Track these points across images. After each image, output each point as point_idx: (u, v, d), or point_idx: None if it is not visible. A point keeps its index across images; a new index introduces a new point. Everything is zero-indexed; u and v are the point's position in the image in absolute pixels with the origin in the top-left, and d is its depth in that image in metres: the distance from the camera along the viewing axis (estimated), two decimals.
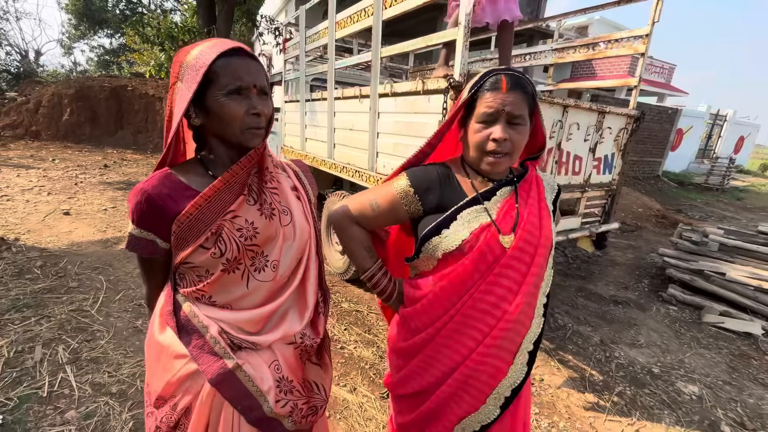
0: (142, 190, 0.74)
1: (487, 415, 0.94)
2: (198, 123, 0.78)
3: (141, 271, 0.86)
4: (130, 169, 7.55)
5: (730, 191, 11.15)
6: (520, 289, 0.90)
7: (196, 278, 0.80)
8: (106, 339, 2.31)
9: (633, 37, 2.72)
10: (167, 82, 10.44)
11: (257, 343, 0.82)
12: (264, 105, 0.77)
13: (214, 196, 0.75)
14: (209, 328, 0.79)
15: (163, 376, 0.79)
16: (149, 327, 0.85)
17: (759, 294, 3.27)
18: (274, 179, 0.86)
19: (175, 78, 0.76)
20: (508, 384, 0.93)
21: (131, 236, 0.77)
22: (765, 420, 2.17)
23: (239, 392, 0.78)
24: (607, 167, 2.79)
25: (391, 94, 2.30)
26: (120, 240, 3.91)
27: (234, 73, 0.73)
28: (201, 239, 0.75)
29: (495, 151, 0.87)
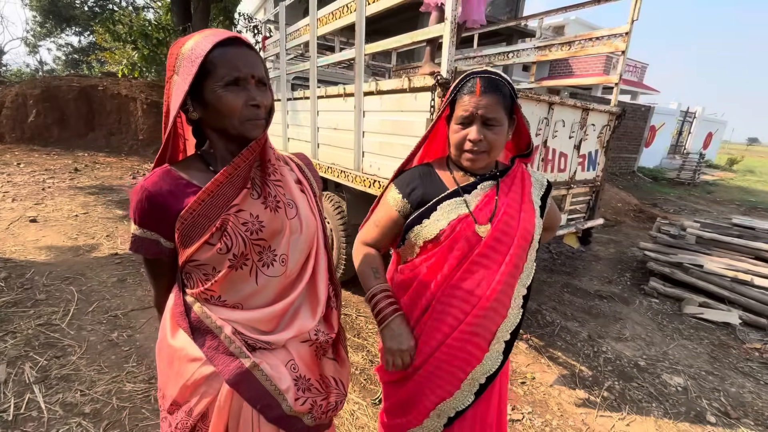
0: (142, 187, 0.73)
1: (462, 401, 0.98)
2: (196, 117, 0.76)
3: (148, 274, 0.84)
4: (103, 172, 7.22)
5: (701, 185, 11.60)
6: (494, 278, 0.94)
7: (203, 277, 0.77)
8: (77, 354, 2.17)
9: (613, 35, 2.75)
10: (141, 82, 10.07)
11: (272, 342, 0.80)
12: (263, 96, 0.75)
13: (217, 190, 0.73)
14: (223, 329, 0.77)
15: (178, 381, 0.77)
16: (160, 331, 0.83)
17: (735, 285, 3.38)
18: (277, 172, 0.84)
19: (171, 71, 0.74)
20: (482, 371, 0.97)
21: (134, 237, 0.76)
22: (747, 408, 2.23)
23: (258, 391, 0.77)
24: (591, 164, 2.81)
25: (376, 92, 2.24)
26: (93, 247, 3.71)
27: (231, 63, 0.71)
28: (206, 235, 0.73)
29: (471, 150, 0.93)
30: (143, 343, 2.34)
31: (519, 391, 2.22)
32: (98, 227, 4.28)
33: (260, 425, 0.78)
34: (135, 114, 9.46)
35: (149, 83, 10.26)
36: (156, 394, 1.93)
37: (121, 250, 3.68)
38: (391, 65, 5.33)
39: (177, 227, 0.73)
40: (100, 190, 5.88)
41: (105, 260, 3.45)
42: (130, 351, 2.25)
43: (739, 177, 14.89)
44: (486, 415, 1.04)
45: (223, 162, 0.79)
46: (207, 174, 0.78)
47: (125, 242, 3.91)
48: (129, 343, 2.33)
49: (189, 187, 0.76)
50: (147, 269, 0.83)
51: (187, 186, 0.76)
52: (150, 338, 2.39)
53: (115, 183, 6.47)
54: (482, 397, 1.00)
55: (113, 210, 4.95)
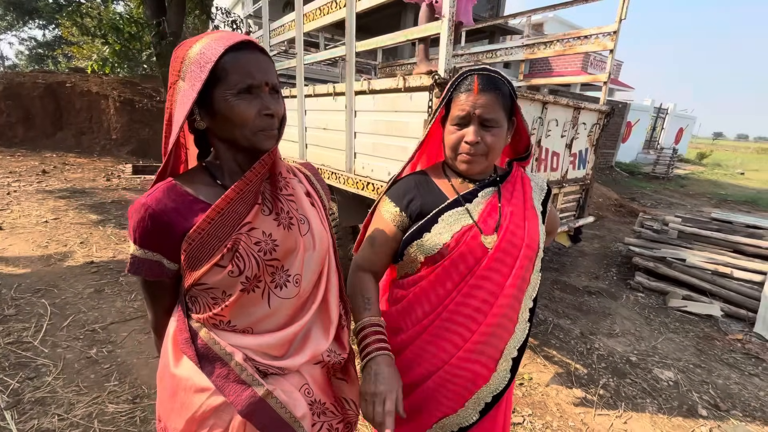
0: (145, 205, 0.66)
1: (466, 419, 0.93)
2: (203, 126, 0.71)
3: (145, 296, 0.78)
4: (73, 174, 6.85)
5: (675, 179, 12.06)
6: (502, 292, 0.88)
7: (212, 301, 0.72)
8: (53, 375, 2.02)
9: (602, 34, 2.76)
10: (113, 79, 9.61)
11: (286, 367, 0.76)
12: (277, 105, 0.71)
13: (228, 207, 0.68)
14: (233, 355, 0.71)
15: (183, 413, 0.72)
16: (161, 358, 0.77)
17: (716, 277, 3.49)
18: (288, 185, 0.79)
19: (175, 76, 0.68)
20: (489, 390, 0.92)
21: (134, 258, 0.69)
22: (735, 400, 2.29)
23: (272, 420, 0.72)
24: (581, 162, 2.83)
25: (369, 92, 2.17)
26: (65, 256, 3.49)
27: (244, 69, 0.66)
28: (216, 257, 0.68)
29: (468, 152, 0.87)
30: (125, 358, 2.21)
31: (518, 392, 2.21)
32: (71, 234, 4.04)
33: None
34: (107, 112, 9.02)
35: (121, 80, 9.80)
36: (141, 415, 1.82)
37: (96, 258, 3.48)
38: (377, 62, 5.25)
39: (183, 248, 0.68)
40: (72, 194, 5.57)
41: (79, 269, 3.25)
42: (110, 368, 2.11)
43: (709, 171, 15.57)
44: (494, 428, 1.00)
45: (231, 175, 0.74)
46: (215, 188, 0.73)
47: (100, 249, 3.71)
48: (109, 359, 2.19)
49: (196, 204, 0.70)
50: (145, 291, 0.76)
51: (194, 202, 0.70)
52: (132, 353, 2.26)
53: (87, 185, 6.14)
54: (488, 416, 0.95)
55: (87, 215, 4.69)
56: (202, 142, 0.78)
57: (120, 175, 7.08)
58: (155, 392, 1.96)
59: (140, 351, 2.28)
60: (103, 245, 3.81)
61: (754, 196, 9.87)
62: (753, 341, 2.95)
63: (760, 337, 3.01)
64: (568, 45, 3.00)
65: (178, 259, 0.70)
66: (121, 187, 6.28)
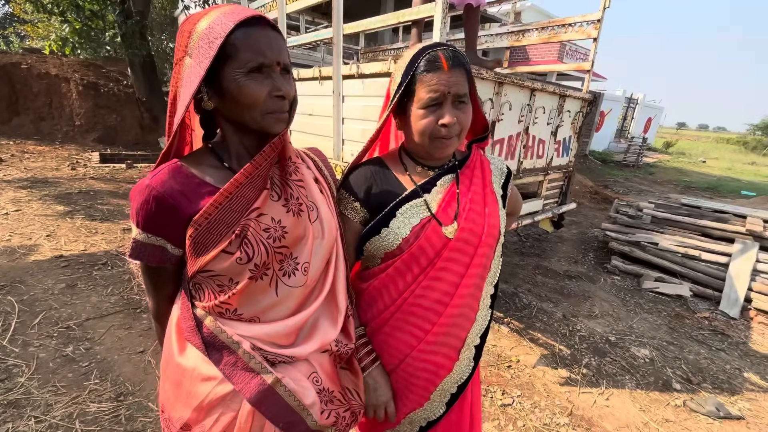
0: (149, 186, 0.63)
1: (433, 412, 0.93)
2: (211, 106, 0.67)
3: (146, 283, 0.75)
4: (34, 163, 6.40)
5: (644, 167, 12.58)
6: (462, 282, 0.86)
7: (218, 288, 0.69)
8: (26, 375, 1.90)
9: (585, 22, 2.79)
10: (74, 60, 8.98)
11: (294, 356, 0.74)
12: (288, 86, 0.67)
13: (236, 192, 0.65)
14: (241, 344, 0.70)
15: (189, 402, 0.70)
16: (165, 348, 0.75)
17: (686, 260, 3.68)
18: (298, 171, 0.76)
19: (182, 52, 0.64)
20: (453, 380, 0.92)
21: (136, 242, 0.66)
22: (705, 373, 2.45)
23: (281, 409, 0.71)
24: (565, 150, 2.88)
25: (357, 76, 2.11)
26: (31, 249, 3.28)
27: (255, 47, 0.62)
28: (224, 243, 0.65)
29: (446, 136, 0.82)
30: (105, 355, 2.11)
31: (506, 375, 2.27)
32: (35, 226, 3.79)
33: None
34: (69, 96, 8.44)
35: (83, 62, 9.17)
36: (126, 413, 1.75)
37: (66, 252, 3.29)
38: (359, 47, 5.13)
39: (189, 233, 0.65)
40: (33, 183, 5.21)
41: (48, 264, 3.06)
42: (90, 366, 2.01)
43: (674, 159, 16.34)
44: (460, 425, 1.00)
45: (238, 158, 0.71)
46: (222, 171, 0.70)
47: (70, 242, 3.50)
48: (88, 357, 2.08)
49: (203, 187, 0.67)
50: (146, 278, 0.74)
51: (201, 185, 0.67)
52: (113, 349, 2.16)
53: (50, 175, 5.76)
54: (454, 407, 0.95)
55: (52, 206, 4.40)
56: (209, 122, 0.74)
57: (87, 164, 6.68)
58: (140, 389, 1.89)
59: (121, 347, 2.18)
60: (72, 238, 3.60)
61: (715, 183, 10.47)
62: (719, 319, 3.15)
63: (725, 314, 3.21)
64: (552, 33, 3.02)
65: (182, 244, 0.67)
66: (89, 176, 5.93)
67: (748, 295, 3.29)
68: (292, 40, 2.77)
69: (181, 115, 0.64)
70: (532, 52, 13.41)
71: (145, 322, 2.44)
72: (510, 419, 1.93)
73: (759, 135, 29.17)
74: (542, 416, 1.97)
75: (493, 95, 2.08)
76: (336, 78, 2.23)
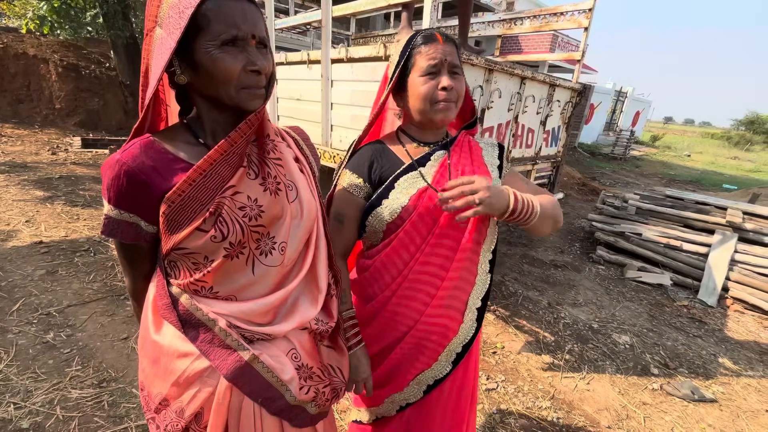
0: (119, 161, 0.62)
1: (440, 371, 0.99)
2: (184, 81, 0.65)
3: (121, 261, 0.74)
4: (12, 147, 6.18)
5: (631, 160, 12.78)
6: (459, 246, 0.92)
7: (192, 266, 0.68)
8: (5, 362, 1.86)
9: (577, 11, 2.78)
10: (53, 40, 8.62)
11: (272, 334, 0.74)
12: (264, 60, 0.65)
13: (210, 169, 0.63)
14: (217, 321, 0.69)
15: (167, 378, 0.70)
16: (141, 326, 0.75)
17: (668, 250, 3.77)
18: (276, 149, 0.75)
19: (152, 22, 0.62)
20: (459, 341, 0.98)
21: (108, 218, 0.65)
22: (681, 359, 2.53)
23: (259, 385, 0.72)
24: (554, 139, 2.90)
25: (346, 60, 2.06)
26: (10, 235, 3.18)
27: (229, 18, 0.60)
28: (198, 221, 0.64)
29: (445, 99, 0.89)
30: (87, 342, 2.07)
31: (491, 360, 2.31)
32: (14, 211, 3.67)
33: (263, 418, 0.74)
34: (48, 78, 8.12)
35: (63, 42, 8.81)
36: (108, 399, 1.73)
37: (46, 238, 3.20)
38: (350, 33, 5.03)
39: (162, 210, 0.63)
40: (12, 168, 5.04)
41: (27, 250, 2.98)
42: (71, 353, 1.98)
43: (660, 152, 16.63)
44: (464, 382, 1.07)
45: (213, 135, 0.69)
46: (196, 147, 0.68)
47: (50, 228, 3.41)
48: (69, 344, 2.05)
49: (176, 163, 0.65)
50: (121, 256, 0.73)
51: (174, 161, 0.65)
52: (95, 336, 2.12)
53: (29, 159, 5.58)
54: (459, 365, 1.01)
55: (31, 191, 4.27)
56: (184, 98, 0.72)
57: (68, 149, 6.48)
58: (123, 375, 1.87)
59: (104, 334, 2.15)
60: (52, 224, 3.50)
61: (699, 176, 10.71)
62: (697, 307, 3.25)
63: (702, 303, 3.32)
64: (544, 21, 3.00)
65: (156, 221, 0.66)
66: (70, 161, 5.76)
67: (726, 285, 3.39)
68: (281, 23, 2.70)
69: (152, 89, 0.62)
70: (524, 43, 13.37)
71: (129, 308, 2.40)
72: (494, 403, 1.97)
73: (742, 130, 29.81)
74: (525, 400, 2.01)
75: (483, 82, 2.07)
76: (324, 62, 2.18)
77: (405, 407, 1.02)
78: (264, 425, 0.74)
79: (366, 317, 1.01)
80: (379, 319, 0.99)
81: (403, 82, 0.93)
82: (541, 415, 1.92)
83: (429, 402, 1.02)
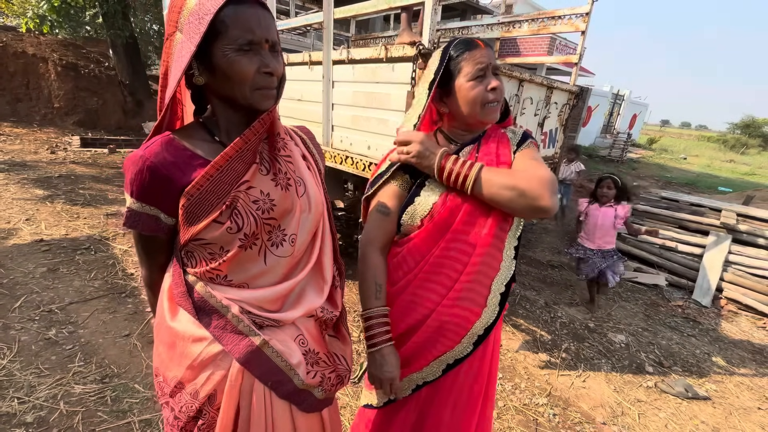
0: (143, 157, 0.66)
1: (461, 351, 1.00)
2: (202, 82, 0.69)
3: (139, 252, 0.78)
4: (12, 146, 6.18)
5: (628, 162, 12.86)
6: (484, 232, 0.95)
7: (209, 256, 0.73)
8: (8, 358, 1.88)
9: (574, 15, 2.82)
10: (52, 39, 8.62)
11: (280, 320, 0.78)
12: (276, 63, 0.69)
13: (226, 165, 0.68)
14: (230, 308, 0.73)
15: (182, 362, 0.74)
16: (157, 313, 0.79)
17: (663, 251, 3.82)
18: (286, 147, 0.79)
19: (172, 27, 0.67)
20: (482, 324, 0.99)
21: (130, 211, 0.69)
22: (675, 358, 2.57)
23: (269, 368, 0.76)
24: (551, 141, 2.94)
25: (348, 61, 2.10)
26: (10, 233, 3.19)
27: (245, 24, 0.64)
28: (214, 213, 0.68)
29: (494, 100, 0.95)
30: (89, 339, 2.09)
31: None
32: (14, 210, 3.68)
33: (272, 402, 0.77)
34: (47, 77, 8.12)
35: (62, 41, 8.81)
36: (111, 394, 1.75)
37: (47, 236, 3.21)
38: (349, 34, 5.07)
39: (182, 203, 0.68)
40: (11, 167, 5.04)
41: (28, 248, 2.99)
42: (74, 349, 2.00)
43: (657, 155, 16.73)
44: (482, 364, 1.08)
45: (228, 133, 0.74)
46: (213, 145, 0.73)
47: (50, 226, 3.42)
48: (71, 340, 2.06)
49: (194, 159, 0.70)
50: (140, 246, 0.77)
51: (192, 158, 0.70)
52: (97, 333, 2.14)
53: (29, 158, 5.58)
54: (480, 347, 1.01)
55: (31, 189, 4.28)
56: (200, 98, 0.76)
57: (67, 148, 6.48)
58: (126, 371, 1.89)
59: (106, 331, 2.17)
60: (53, 222, 3.51)
61: (695, 179, 10.80)
62: (691, 307, 3.29)
63: (697, 303, 3.36)
64: (542, 25, 3.05)
65: (175, 213, 0.70)
66: (69, 160, 5.76)
67: (720, 285, 3.45)
68: (282, 24, 2.73)
69: (172, 91, 0.66)
70: (522, 46, 13.46)
71: (130, 306, 2.42)
72: None
73: (738, 134, 30.05)
74: (522, 397, 2.04)
75: None
76: (326, 63, 2.22)
77: (421, 386, 1.03)
78: (274, 409, 0.77)
79: (390, 299, 1.04)
80: (402, 300, 1.01)
81: (447, 89, 0.98)
82: (538, 412, 1.96)
83: (444, 386, 1.04)
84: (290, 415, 0.80)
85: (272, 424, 0.77)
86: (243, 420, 0.75)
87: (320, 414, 0.87)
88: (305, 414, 0.82)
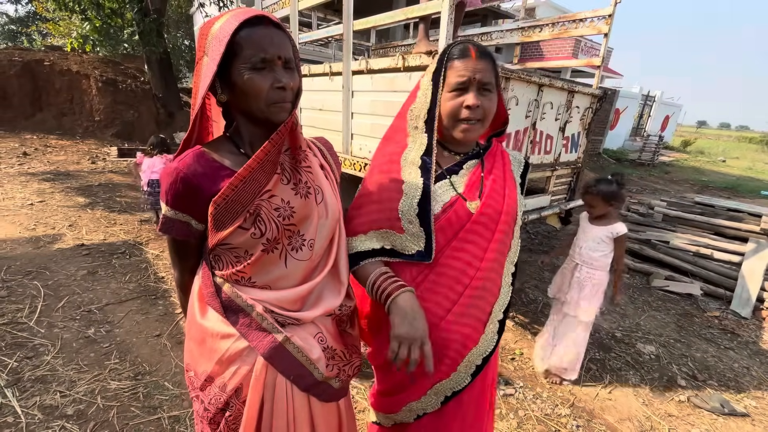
0: (177, 169, 0.73)
1: (459, 382, 0.97)
2: (225, 99, 0.76)
3: (172, 255, 0.86)
4: (56, 156, 6.64)
5: (659, 166, 12.31)
6: (485, 255, 0.93)
7: (234, 259, 0.79)
8: (52, 354, 2.02)
9: (596, 18, 2.78)
10: (94, 57, 9.25)
11: (301, 318, 0.83)
12: (289, 77, 0.74)
13: (250, 176, 0.73)
14: (254, 307, 0.79)
15: (212, 357, 0.81)
16: (188, 312, 0.86)
17: (697, 258, 3.64)
18: (307, 158, 0.85)
19: (201, 52, 0.74)
20: (479, 353, 0.97)
21: (165, 218, 0.77)
22: (711, 371, 2.44)
23: (291, 363, 0.81)
24: (573, 146, 2.88)
25: (366, 71, 2.16)
26: (55, 238, 3.43)
27: (257, 44, 0.70)
28: (239, 220, 0.74)
29: (468, 118, 0.88)
30: (124, 338, 2.22)
31: (510, 366, 2.31)
32: (58, 216, 3.96)
33: (293, 395, 0.83)
34: (89, 93, 8.70)
35: (103, 59, 9.44)
36: (144, 391, 1.85)
37: (87, 241, 3.43)
38: (370, 44, 5.17)
39: (210, 211, 0.74)
40: (56, 176, 5.42)
41: (70, 252, 3.20)
42: (110, 347, 2.12)
43: (692, 158, 15.93)
44: (481, 396, 1.06)
45: (251, 145, 0.80)
46: (238, 157, 0.79)
47: (90, 232, 3.65)
48: (108, 339, 2.20)
49: (222, 170, 0.76)
50: (173, 250, 0.85)
51: (221, 169, 0.76)
52: (131, 332, 2.27)
53: (72, 168, 5.98)
54: (478, 378, 0.99)
55: (74, 197, 4.58)
56: (228, 115, 0.83)
57: (105, 158, 6.90)
58: (156, 369, 1.99)
59: (139, 331, 2.29)
60: (93, 228, 3.75)
61: (735, 183, 10.19)
62: (729, 318, 3.11)
63: (735, 314, 3.17)
64: (563, 29, 3.01)
65: (205, 220, 0.77)
66: (108, 170, 6.13)
67: (761, 295, 3.24)
68: (304, 37, 2.84)
69: (197, 107, 0.74)
70: (545, 49, 13.22)
71: (161, 308, 2.55)
72: (511, 408, 1.97)
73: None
74: (543, 407, 2.00)
75: None
76: (346, 73, 2.28)
77: (422, 416, 1.01)
78: (294, 401, 0.83)
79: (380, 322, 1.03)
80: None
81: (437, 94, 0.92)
82: (561, 422, 1.91)
83: (447, 413, 1.02)
84: (308, 406, 0.86)
85: (293, 415, 0.83)
86: (267, 412, 0.81)
87: (337, 404, 0.93)
88: (323, 404, 0.88)
